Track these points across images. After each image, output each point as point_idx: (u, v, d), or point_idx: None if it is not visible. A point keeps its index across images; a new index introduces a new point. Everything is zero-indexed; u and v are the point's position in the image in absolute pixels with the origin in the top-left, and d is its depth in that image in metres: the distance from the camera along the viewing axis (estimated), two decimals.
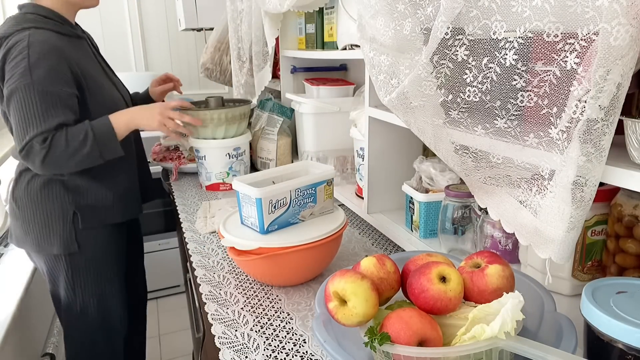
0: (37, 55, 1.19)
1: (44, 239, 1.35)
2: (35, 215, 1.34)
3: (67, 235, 1.35)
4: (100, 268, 1.44)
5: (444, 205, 1.00)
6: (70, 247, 1.36)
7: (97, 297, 1.45)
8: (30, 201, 1.34)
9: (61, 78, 1.23)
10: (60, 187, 1.33)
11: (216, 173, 1.62)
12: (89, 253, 1.40)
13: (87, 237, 1.38)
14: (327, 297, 0.64)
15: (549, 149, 0.60)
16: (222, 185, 1.63)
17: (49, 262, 1.40)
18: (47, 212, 1.34)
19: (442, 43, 0.69)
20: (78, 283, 1.42)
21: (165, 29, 3.14)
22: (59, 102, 1.21)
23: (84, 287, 1.43)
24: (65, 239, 1.35)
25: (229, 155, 1.60)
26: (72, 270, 1.40)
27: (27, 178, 1.35)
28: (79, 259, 1.39)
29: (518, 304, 0.55)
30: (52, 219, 1.34)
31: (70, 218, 1.35)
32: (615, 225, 0.74)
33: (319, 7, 1.51)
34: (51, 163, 1.22)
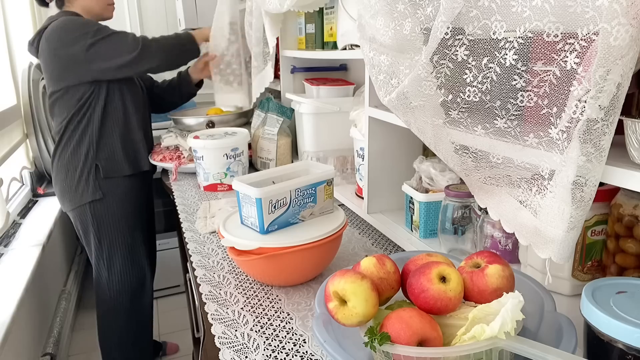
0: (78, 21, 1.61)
1: (75, 192, 1.68)
2: (67, 175, 1.68)
3: (92, 184, 1.68)
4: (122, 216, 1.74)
5: (444, 205, 1.00)
6: (96, 194, 1.68)
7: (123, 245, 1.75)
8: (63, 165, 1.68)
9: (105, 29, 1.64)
10: (84, 148, 1.67)
11: (214, 174, 1.62)
12: (111, 201, 1.71)
13: (109, 185, 1.70)
14: (327, 297, 0.64)
15: (549, 149, 0.60)
16: (220, 186, 1.63)
17: (79, 215, 1.70)
18: (75, 171, 1.68)
19: (442, 43, 0.69)
20: (104, 231, 1.72)
21: (165, 29, 3.14)
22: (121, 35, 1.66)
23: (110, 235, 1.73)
24: (90, 188, 1.68)
25: (227, 155, 1.60)
26: (97, 219, 1.70)
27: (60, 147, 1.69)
28: (103, 207, 1.70)
29: (518, 304, 0.55)
30: (80, 174, 1.67)
31: (93, 170, 1.68)
32: (615, 225, 0.74)
33: (319, 7, 1.51)
34: (159, 50, 1.66)
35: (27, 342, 1.57)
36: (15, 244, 1.75)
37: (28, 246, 1.72)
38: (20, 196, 2.07)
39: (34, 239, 1.78)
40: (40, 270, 1.80)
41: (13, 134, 2.05)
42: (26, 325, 1.58)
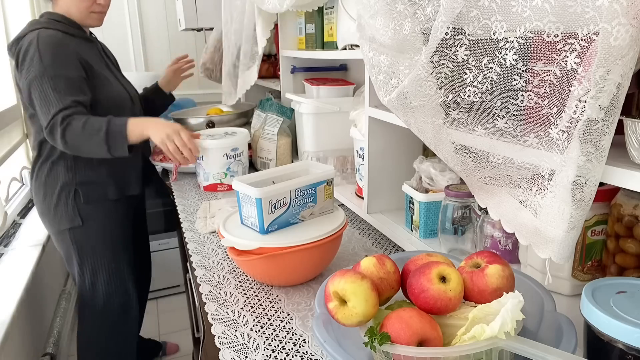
0: (44, 47, 1.38)
1: (54, 217, 1.53)
2: (46, 197, 1.53)
3: (71, 210, 1.52)
4: (105, 242, 1.59)
5: (444, 205, 1.00)
6: (74, 221, 1.52)
7: (106, 272, 1.60)
8: (41, 185, 1.52)
9: (68, 64, 1.40)
10: (62, 168, 1.50)
11: (214, 174, 1.62)
12: (92, 227, 1.56)
13: (89, 211, 1.54)
14: (327, 297, 0.64)
15: (549, 149, 0.60)
16: (220, 186, 1.63)
17: (60, 240, 1.57)
18: (53, 193, 1.51)
19: (442, 43, 0.69)
20: (86, 258, 1.57)
21: (165, 29, 3.14)
22: (70, 83, 1.39)
23: (92, 261, 1.58)
24: (69, 214, 1.52)
25: (227, 155, 1.60)
26: (77, 245, 1.55)
27: (37, 166, 1.53)
28: (84, 233, 1.55)
29: (518, 304, 0.55)
30: (57, 198, 1.51)
31: (72, 195, 1.51)
32: (615, 225, 0.74)
33: (319, 6, 1.51)
34: (68, 142, 1.36)
35: (27, 342, 1.57)
36: (15, 244, 1.75)
37: (28, 246, 1.72)
38: (20, 196, 2.07)
39: (34, 239, 1.78)
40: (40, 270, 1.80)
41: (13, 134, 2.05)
42: (26, 325, 1.58)
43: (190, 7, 2.31)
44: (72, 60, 1.42)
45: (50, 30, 1.43)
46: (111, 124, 1.37)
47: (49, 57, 1.37)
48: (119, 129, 1.38)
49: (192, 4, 2.30)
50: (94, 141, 1.36)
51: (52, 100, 1.35)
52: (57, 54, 1.39)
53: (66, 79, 1.38)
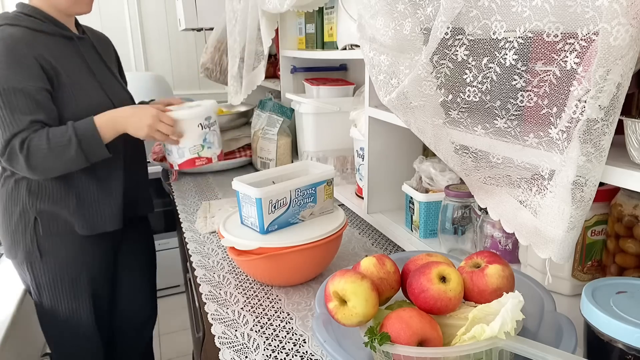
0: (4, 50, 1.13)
1: (11, 244, 1.30)
2: (3, 220, 1.30)
3: (29, 242, 1.28)
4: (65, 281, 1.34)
5: (443, 205, 1.00)
6: (32, 255, 1.29)
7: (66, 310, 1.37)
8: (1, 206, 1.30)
9: (26, 72, 1.15)
10: (24, 190, 1.26)
11: (190, 147, 1.43)
12: (52, 263, 1.31)
13: (51, 244, 1.30)
14: (327, 297, 0.64)
15: (549, 149, 0.60)
16: (198, 160, 1.46)
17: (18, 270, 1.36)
18: (11, 216, 1.28)
19: (442, 43, 0.69)
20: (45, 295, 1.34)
21: (165, 29, 3.14)
22: (27, 98, 1.14)
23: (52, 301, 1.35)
24: (27, 245, 1.29)
25: (202, 125, 1.43)
26: (36, 281, 1.33)
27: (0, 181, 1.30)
28: (43, 269, 1.31)
29: (518, 304, 0.55)
30: (16, 224, 1.28)
31: (31, 223, 1.27)
32: (615, 225, 0.74)
33: (319, 6, 1.51)
34: (37, 166, 1.16)
35: (27, 342, 1.57)
36: None
37: None
38: None
39: None
40: None
41: None
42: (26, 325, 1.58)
43: (190, 7, 2.30)
44: (32, 67, 1.16)
45: (14, 27, 1.19)
46: (78, 130, 1.17)
47: (3, 64, 1.13)
48: (89, 131, 1.18)
49: (192, 4, 2.30)
50: (67, 156, 1.16)
51: (5, 121, 1.13)
52: (12, 60, 1.14)
53: (23, 93, 1.14)
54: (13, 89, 1.13)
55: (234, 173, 1.81)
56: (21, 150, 1.13)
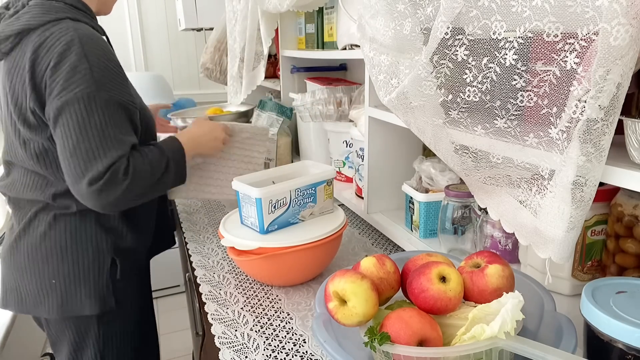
0: (96, 55, 0.93)
1: (71, 297, 1.04)
2: (59, 270, 1.03)
3: (104, 288, 1.06)
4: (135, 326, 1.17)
5: (443, 205, 1.00)
6: (107, 303, 1.06)
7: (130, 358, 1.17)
8: (53, 252, 1.03)
9: (122, 84, 0.98)
10: (95, 227, 1.05)
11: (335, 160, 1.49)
12: (125, 310, 1.12)
13: (123, 289, 1.10)
14: (327, 297, 0.64)
15: (548, 148, 0.60)
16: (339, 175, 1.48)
17: (73, 328, 1.08)
18: (77, 262, 1.04)
19: (442, 43, 0.69)
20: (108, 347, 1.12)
21: (165, 29, 3.14)
22: (126, 113, 0.97)
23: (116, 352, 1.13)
24: (101, 293, 1.05)
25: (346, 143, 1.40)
26: (103, 336, 1.10)
27: (45, 221, 1.03)
28: (114, 320, 1.11)
29: (518, 303, 0.55)
30: (84, 269, 1.04)
31: (107, 267, 1.06)
32: (615, 225, 0.74)
33: (319, 7, 1.51)
34: (131, 194, 0.96)
35: (27, 342, 1.57)
36: None
37: None
38: None
39: None
40: None
41: None
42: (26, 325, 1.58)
43: (190, 7, 2.30)
44: (121, 75, 0.99)
45: (81, 23, 0.98)
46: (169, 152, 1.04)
47: (103, 73, 0.93)
48: (179, 154, 1.06)
49: (192, 4, 2.30)
50: (166, 180, 1.02)
51: (107, 141, 0.92)
52: (110, 68, 0.95)
53: (122, 108, 0.96)
54: (119, 102, 0.95)
55: None
56: (125, 176, 0.93)
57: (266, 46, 1.67)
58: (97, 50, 0.94)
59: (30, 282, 1.04)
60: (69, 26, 0.94)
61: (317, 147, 1.66)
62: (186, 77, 3.23)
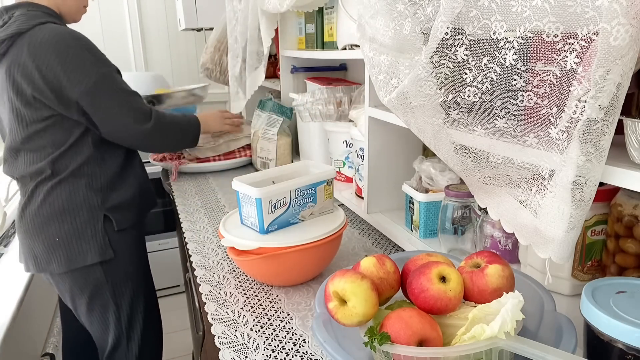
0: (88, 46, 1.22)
1: (74, 251, 1.27)
2: (61, 228, 1.25)
3: (101, 240, 1.29)
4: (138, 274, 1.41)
5: (443, 205, 1.00)
6: (106, 253, 1.29)
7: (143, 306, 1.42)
8: (53, 214, 1.25)
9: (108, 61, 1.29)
10: (85, 190, 1.27)
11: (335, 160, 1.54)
12: (124, 258, 1.35)
13: (119, 241, 1.33)
14: (327, 297, 0.64)
15: (548, 148, 0.60)
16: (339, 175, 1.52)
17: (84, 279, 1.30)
18: (75, 221, 1.26)
19: (442, 43, 0.69)
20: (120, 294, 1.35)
21: (165, 29, 3.14)
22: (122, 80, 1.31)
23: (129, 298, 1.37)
24: (99, 245, 1.28)
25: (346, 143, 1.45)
26: (112, 282, 1.33)
27: (44, 190, 1.26)
28: (116, 267, 1.33)
29: (518, 303, 0.55)
30: (82, 226, 1.27)
31: (101, 222, 1.29)
32: (615, 225, 0.74)
33: (319, 7, 1.51)
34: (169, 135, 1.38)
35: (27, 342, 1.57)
36: (15, 244, 1.75)
37: None
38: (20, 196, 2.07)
39: None
40: None
41: None
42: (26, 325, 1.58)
43: (190, 7, 2.31)
44: None
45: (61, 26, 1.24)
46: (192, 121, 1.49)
47: (96, 53, 1.23)
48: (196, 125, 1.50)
49: (192, 4, 2.30)
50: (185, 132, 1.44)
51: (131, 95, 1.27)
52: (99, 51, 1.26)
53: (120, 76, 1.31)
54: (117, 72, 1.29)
55: (234, 173, 1.81)
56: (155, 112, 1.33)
57: (266, 46, 1.67)
58: (88, 43, 1.23)
59: (39, 244, 1.26)
60: (55, 27, 1.19)
61: (317, 147, 1.66)
62: (186, 77, 3.23)
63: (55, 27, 1.19)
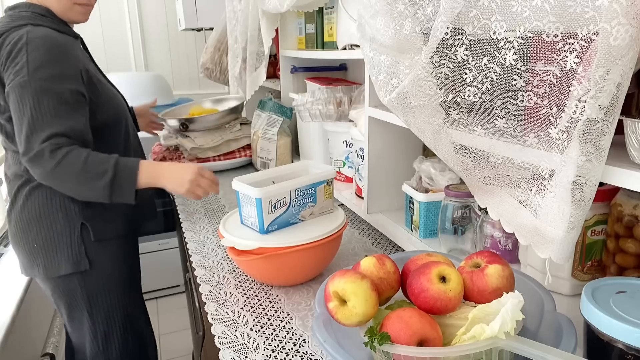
0: (37, 51, 1.08)
1: (50, 259, 1.21)
2: (39, 235, 1.20)
3: (76, 251, 1.21)
4: (118, 286, 1.31)
5: (443, 205, 1.00)
6: (81, 264, 1.22)
7: (121, 321, 1.34)
8: (32, 220, 1.20)
9: (66, 75, 1.11)
10: (63, 196, 1.19)
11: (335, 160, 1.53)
12: (103, 270, 1.26)
13: (98, 251, 1.25)
14: (327, 297, 0.64)
15: (548, 148, 0.60)
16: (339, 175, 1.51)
17: (62, 287, 1.25)
18: (51, 228, 1.20)
19: (442, 43, 0.69)
20: (96, 307, 1.28)
21: (165, 29, 3.14)
22: (67, 100, 1.09)
23: (105, 312, 1.30)
24: (75, 255, 1.21)
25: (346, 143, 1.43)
26: (88, 295, 1.26)
27: (23, 194, 1.20)
28: (93, 278, 1.26)
29: (518, 303, 0.55)
30: (57, 235, 1.20)
31: (78, 231, 1.21)
32: (615, 225, 0.74)
33: (319, 7, 1.51)
34: (59, 177, 1.08)
35: (27, 342, 1.57)
36: None
37: None
38: None
39: None
40: None
41: None
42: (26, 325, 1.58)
43: (190, 7, 2.31)
44: (72, 69, 1.13)
45: (40, 27, 1.13)
46: (119, 168, 1.11)
47: (43, 66, 1.08)
48: (128, 174, 1.12)
49: (192, 4, 2.30)
50: (94, 185, 1.09)
51: (41, 120, 1.06)
52: (52, 62, 1.09)
53: (63, 96, 1.09)
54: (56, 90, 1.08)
55: (234, 173, 1.81)
56: (52, 155, 1.05)
57: (267, 46, 1.67)
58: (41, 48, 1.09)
59: (22, 248, 1.23)
60: (25, 30, 1.11)
61: (317, 147, 1.66)
62: (186, 77, 3.23)
63: (28, 30, 1.11)
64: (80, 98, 1.13)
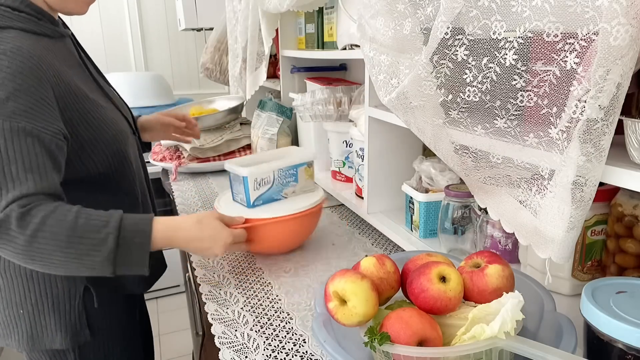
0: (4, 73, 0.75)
1: (40, 329, 0.92)
2: (26, 298, 0.91)
3: (76, 319, 0.93)
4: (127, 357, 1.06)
5: (443, 205, 1.00)
6: (80, 335, 0.94)
7: None
8: (18, 279, 0.90)
9: (42, 108, 0.78)
10: None
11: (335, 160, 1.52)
12: (105, 340, 0.99)
13: (100, 318, 0.97)
14: (327, 297, 0.64)
15: (548, 148, 0.60)
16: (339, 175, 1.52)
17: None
18: (45, 290, 0.91)
19: (442, 43, 0.69)
20: None
21: (165, 29, 3.14)
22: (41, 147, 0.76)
23: None
24: (73, 325, 0.93)
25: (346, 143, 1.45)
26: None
27: None
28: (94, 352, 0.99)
29: (518, 303, 0.55)
30: (53, 298, 0.92)
31: (80, 295, 0.93)
32: (615, 225, 0.74)
33: (319, 7, 1.51)
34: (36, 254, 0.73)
35: None
36: None
37: None
38: None
39: None
40: None
41: None
42: None
43: (190, 7, 2.31)
44: (47, 96, 0.79)
45: (10, 32, 0.81)
46: (124, 234, 0.78)
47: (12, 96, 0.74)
48: (138, 240, 0.80)
49: (192, 4, 2.31)
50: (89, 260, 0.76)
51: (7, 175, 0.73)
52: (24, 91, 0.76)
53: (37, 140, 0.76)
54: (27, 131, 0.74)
55: None
56: (22, 225, 0.72)
57: (267, 46, 1.67)
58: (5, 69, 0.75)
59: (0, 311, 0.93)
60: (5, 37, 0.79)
61: (317, 147, 1.66)
62: (186, 77, 3.23)
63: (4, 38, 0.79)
64: (60, 140, 0.80)
